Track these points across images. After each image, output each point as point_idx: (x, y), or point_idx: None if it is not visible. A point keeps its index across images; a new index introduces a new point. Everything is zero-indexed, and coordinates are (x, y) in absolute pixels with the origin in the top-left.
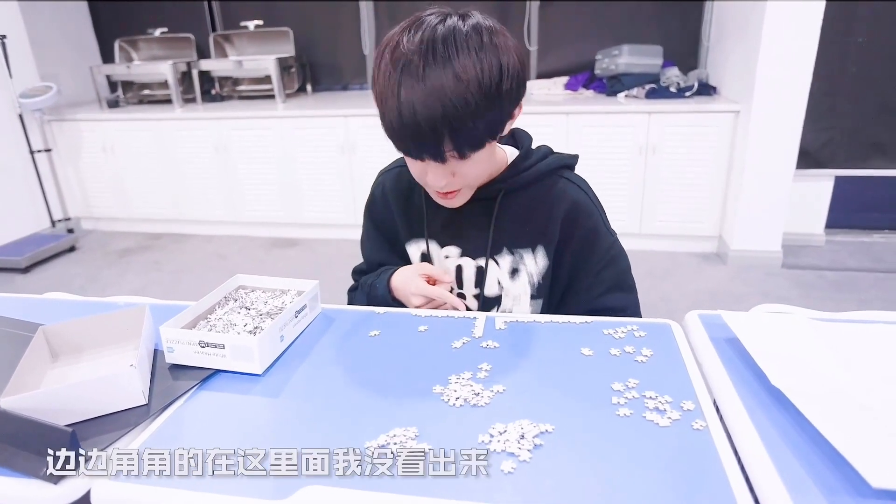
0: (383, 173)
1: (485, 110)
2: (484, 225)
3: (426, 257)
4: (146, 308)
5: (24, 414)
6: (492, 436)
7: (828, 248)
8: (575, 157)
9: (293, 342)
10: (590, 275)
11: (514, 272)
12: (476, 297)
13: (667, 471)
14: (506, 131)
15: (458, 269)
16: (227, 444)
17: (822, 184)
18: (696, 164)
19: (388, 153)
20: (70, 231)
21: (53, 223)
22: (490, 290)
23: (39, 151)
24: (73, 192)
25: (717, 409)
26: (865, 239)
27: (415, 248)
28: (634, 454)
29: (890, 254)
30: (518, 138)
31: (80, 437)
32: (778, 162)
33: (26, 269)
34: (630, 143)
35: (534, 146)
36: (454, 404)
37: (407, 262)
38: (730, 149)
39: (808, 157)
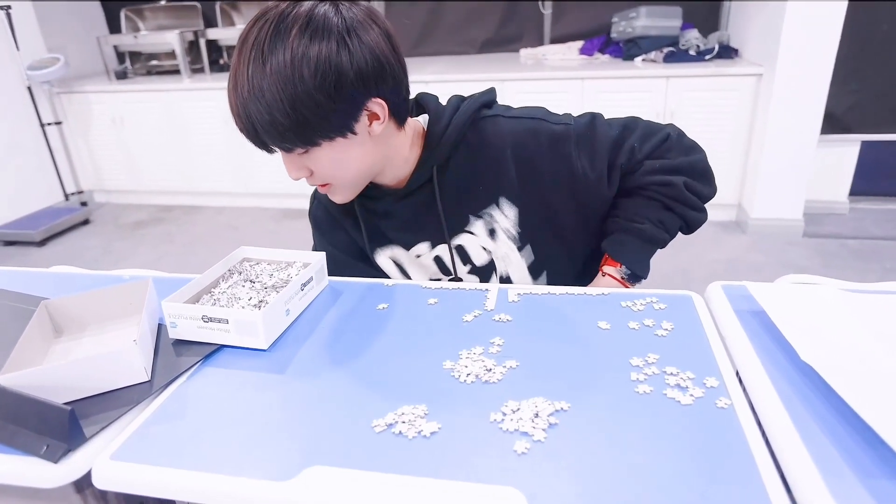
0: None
1: (299, 112)
2: (435, 208)
3: (398, 264)
4: (149, 282)
5: (23, 391)
6: (504, 414)
7: (851, 217)
8: (490, 92)
9: (299, 316)
10: (605, 177)
11: (492, 233)
12: (470, 272)
13: (689, 451)
14: (374, 129)
15: (438, 260)
16: (230, 424)
17: (847, 149)
18: (715, 130)
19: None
20: (83, 204)
21: (67, 196)
22: (479, 259)
23: (50, 124)
24: (85, 165)
25: (743, 386)
26: (892, 206)
27: (383, 258)
28: (655, 433)
29: None
30: (424, 104)
31: (81, 414)
32: (802, 127)
33: (41, 243)
34: (647, 109)
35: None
36: (465, 381)
37: (381, 273)
38: (751, 114)
39: (834, 122)
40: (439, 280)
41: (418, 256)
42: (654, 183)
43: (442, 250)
